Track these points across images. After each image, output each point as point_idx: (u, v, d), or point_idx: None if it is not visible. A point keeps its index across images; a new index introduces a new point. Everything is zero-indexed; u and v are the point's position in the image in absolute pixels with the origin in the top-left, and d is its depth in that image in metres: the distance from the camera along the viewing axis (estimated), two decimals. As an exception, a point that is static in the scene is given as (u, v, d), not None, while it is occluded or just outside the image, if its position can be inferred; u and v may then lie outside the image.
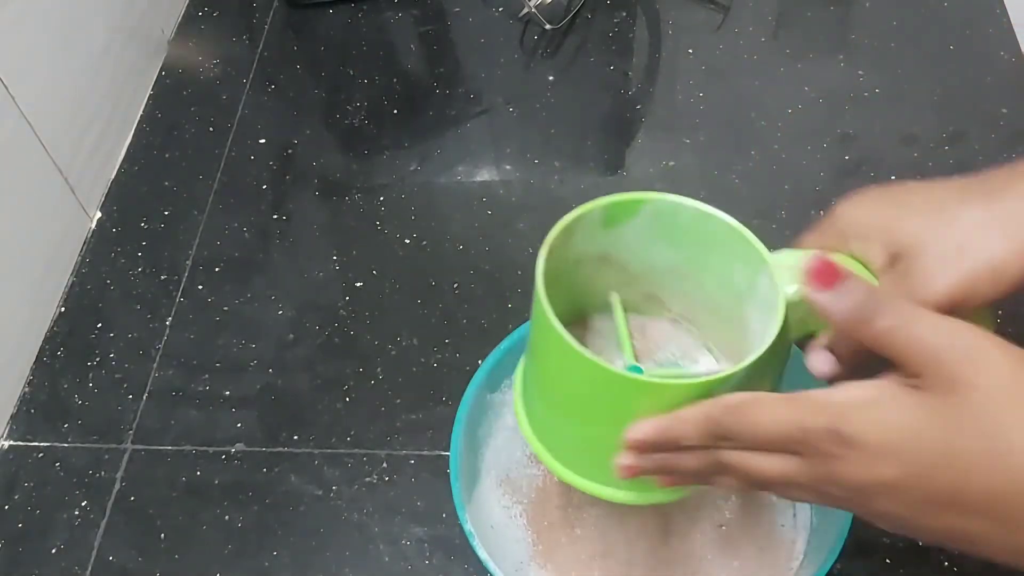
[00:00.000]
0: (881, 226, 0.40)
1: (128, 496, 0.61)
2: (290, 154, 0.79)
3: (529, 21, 0.86)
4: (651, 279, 0.48)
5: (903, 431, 0.33)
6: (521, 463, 0.56)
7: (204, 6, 0.92)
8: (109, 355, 0.68)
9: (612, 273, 0.47)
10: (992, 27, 0.80)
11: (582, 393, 0.42)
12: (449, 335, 0.66)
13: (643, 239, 0.45)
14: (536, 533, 0.54)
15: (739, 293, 0.44)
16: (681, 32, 0.85)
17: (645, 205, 0.44)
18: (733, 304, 0.45)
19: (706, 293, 0.47)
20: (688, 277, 0.47)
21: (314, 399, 0.64)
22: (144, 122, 0.82)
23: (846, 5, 0.85)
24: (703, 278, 0.46)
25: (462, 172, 0.77)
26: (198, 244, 0.73)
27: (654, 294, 0.49)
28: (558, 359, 0.42)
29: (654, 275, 0.47)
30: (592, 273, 0.47)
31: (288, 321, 0.68)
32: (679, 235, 0.45)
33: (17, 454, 0.63)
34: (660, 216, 0.44)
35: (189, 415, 0.64)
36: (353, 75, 0.84)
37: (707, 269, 0.45)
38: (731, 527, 0.54)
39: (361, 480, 0.60)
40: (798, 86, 0.79)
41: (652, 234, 0.45)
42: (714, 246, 0.44)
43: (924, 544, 0.54)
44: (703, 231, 0.44)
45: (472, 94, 0.82)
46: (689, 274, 0.46)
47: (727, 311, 0.46)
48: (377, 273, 0.70)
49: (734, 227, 0.43)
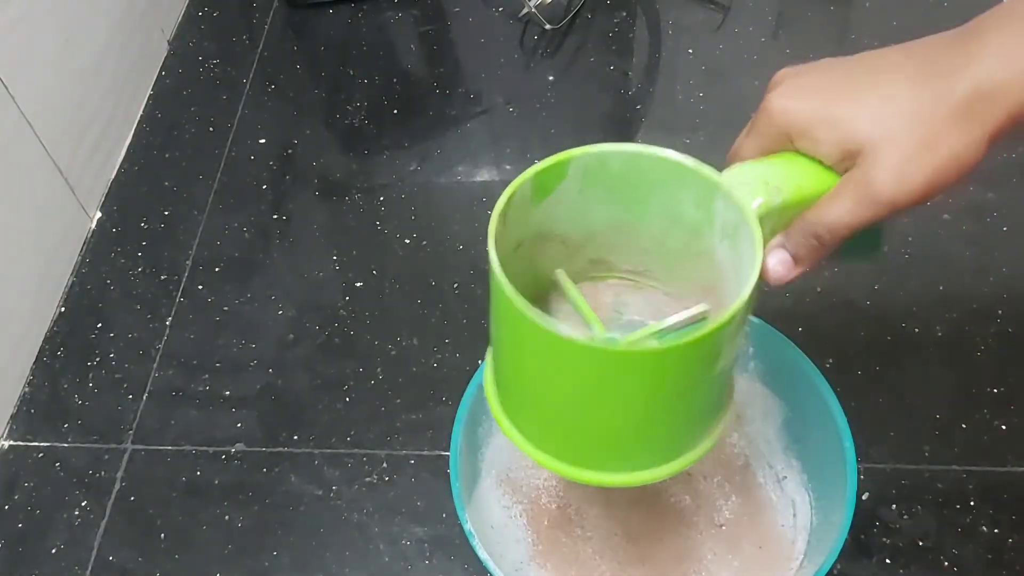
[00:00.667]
0: (829, 121, 0.38)
1: (128, 496, 0.61)
2: (290, 154, 0.79)
3: (529, 21, 0.86)
4: (593, 243, 0.45)
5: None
6: (521, 463, 0.56)
7: (204, 6, 0.92)
8: (109, 355, 0.68)
9: (553, 248, 0.45)
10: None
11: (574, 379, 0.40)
12: (449, 335, 0.66)
13: (576, 203, 0.43)
14: (536, 533, 0.54)
15: (694, 226, 0.42)
16: (681, 32, 0.84)
17: (571, 163, 0.41)
18: (688, 240, 0.43)
19: (654, 237, 0.44)
20: (631, 226, 0.44)
21: (314, 399, 0.64)
22: (144, 122, 0.82)
23: (846, 5, 0.85)
24: (648, 222, 0.43)
25: (462, 172, 0.77)
26: (198, 244, 0.73)
27: (600, 258, 0.46)
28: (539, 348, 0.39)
29: (595, 238, 0.45)
30: (533, 255, 0.44)
31: (288, 321, 0.68)
32: (612, 187, 0.42)
33: (17, 454, 0.63)
34: (588, 172, 0.41)
35: (189, 415, 0.64)
36: (353, 75, 0.84)
37: (650, 213, 0.43)
38: (731, 527, 0.54)
39: (361, 480, 0.60)
40: (798, 86, 0.79)
41: (584, 195, 0.42)
42: (653, 186, 0.41)
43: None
44: (638, 174, 0.41)
45: (472, 94, 0.82)
46: (631, 223, 0.44)
47: (682, 249, 0.43)
48: (377, 273, 0.70)
49: (672, 159, 0.40)
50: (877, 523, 0.56)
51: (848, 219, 0.38)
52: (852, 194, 0.38)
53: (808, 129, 0.38)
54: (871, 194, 0.37)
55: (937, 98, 0.37)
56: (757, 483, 0.55)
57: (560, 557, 0.53)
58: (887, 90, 0.38)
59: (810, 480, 0.53)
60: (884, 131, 0.37)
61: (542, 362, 0.40)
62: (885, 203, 0.37)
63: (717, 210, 0.40)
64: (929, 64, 0.38)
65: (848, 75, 0.39)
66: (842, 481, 0.49)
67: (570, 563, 0.53)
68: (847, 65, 0.39)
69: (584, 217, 0.43)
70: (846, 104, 0.38)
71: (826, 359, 0.61)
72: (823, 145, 0.38)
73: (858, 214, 0.38)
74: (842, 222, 0.38)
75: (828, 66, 0.40)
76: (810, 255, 0.40)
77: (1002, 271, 0.66)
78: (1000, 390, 0.61)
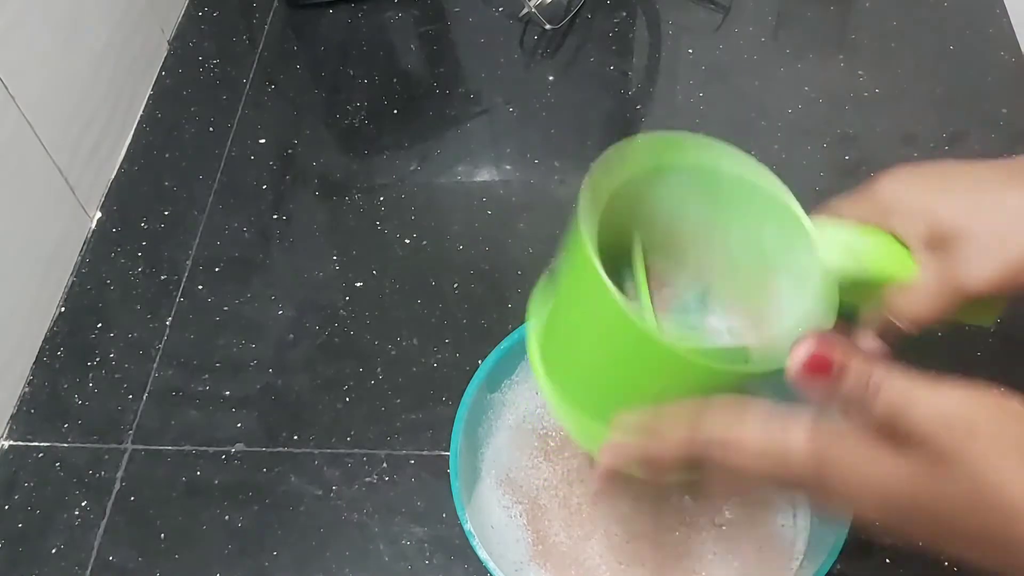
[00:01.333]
0: (924, 206, 0.40)
1: (128, 496, 0.61)
2: (290, 154, 0.79)
3: (529, 21, 0.86)
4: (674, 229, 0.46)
5: (885, 488, 0.33)
6: (521, 463, 0.56)
7: (204, 6, 0.92)
8: (109, 355, 0.68)
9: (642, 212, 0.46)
10: (992, 27, 0.80)
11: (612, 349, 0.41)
12: (449, 335, 0.66)
13: (676, 194, 0.44)
14: (536, 533, 0.54)
15: (768, 256, 0.43)
16: (681, 32, 0.85)
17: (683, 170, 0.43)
18: (757, 265, 0.44)
19: (728, 250, 0.45)
20: (712, 231, 0.45)
21: (314, 399, 0.64)
22: (144, 122, 0.82)
23: (846, 5, 0.85)
24: (728, 234, 0.45)
25: (462, 172, 0.77)
26: (198, 244, 0.73)
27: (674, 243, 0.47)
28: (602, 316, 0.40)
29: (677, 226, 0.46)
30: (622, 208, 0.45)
31: (288, 321, 0.68)
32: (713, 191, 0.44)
33: (17, 454, 0.63)
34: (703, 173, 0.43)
35: (189, 415, 0.64)
36: (353, 75, 0.84)
37: (734, 226, 0.44)
38: (731, 527, 0.54)
39: (361, 480, 0.60)
40: (798, 86, 0.79)
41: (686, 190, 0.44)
42: (748, 205, 0.43)
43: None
44: (742, 191, 0.43)
45: (472, 94, 0.82)
46: (714, 228, 0.45)
47: (748, 271, 0.45)
48: (377, 273, 0.70)
49: (775, 193, 0.42)
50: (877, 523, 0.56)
51: (927, 313, 0.39)
52: (933, 282, 0.39)
53: (905, 207, 0.40)
54: (947, 281, 0.38)
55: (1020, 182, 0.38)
56: (757, 483, 0.55)
57: (560, 557, 0.53)
58: (983, 184, 0.39)
59: (810, 480, 0.53)
60: (969, 220, 0.38)
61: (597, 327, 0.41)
62: (957, 289, 0.38)
63: (799, 256, 0.41)
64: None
65: (954, 170, 0.41)
66: (842, 481, 0.49)
67: (570, 563, 0.53)
68: (957, 164, 0.41)
69: (676, 206, 0.45)
70: (944, 192, 0.40)
71: (826, 359, 0.61)
72: (913, 225, 0.40)
73: (937, 303, 0.39)
74: (923, 312, 0.40)
75: (941, 164, 0.41)
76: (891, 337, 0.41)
77: (1002, 271, 0.66)
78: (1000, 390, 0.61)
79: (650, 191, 0.44)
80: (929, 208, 0.39)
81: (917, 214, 0.40)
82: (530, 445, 0.57)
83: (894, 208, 0.41)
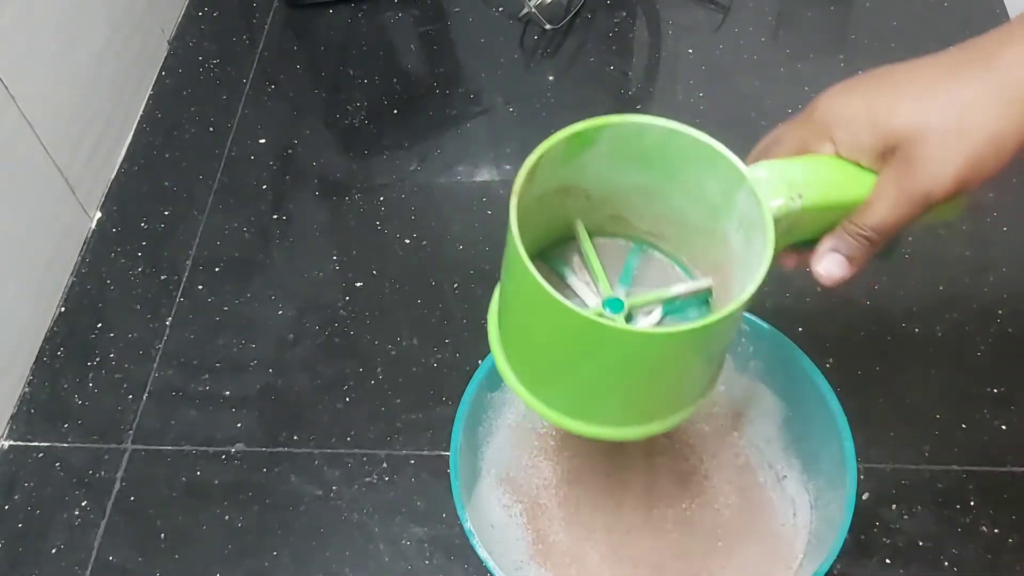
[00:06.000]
0: (868, 115, 0.38)
1: (128, 496, 0.61)
2: (290, 154, 0.79)
3: (529, 21, 0.86)
4: (615, 201, 0.46)
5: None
6: (521, 462, 0.56)
7: (204, 6, 0.92)
8: (109, 355, 0.68)
9: (576, 200, 0.46)
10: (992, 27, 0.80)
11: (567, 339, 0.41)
12: (449, 335, 0.66)
13: (604, 164, 0.43)
14: (536, 532, 0.54)
15: (714, 207, 0.43)
16: (681, 32, 0.84)
17: (606, 130, 0.42)
18: (707, 217, 0.43)
19: (675, 208, 0.44)
20: (655, 194, 0.45)
21: (314, 399, 0.64)
22: (144, 122, 0.82)
23: (846, 5, 0.85)
24: (671, 193, 0.44)
25: (462, 172, 0.77)
26: (198, 244, 0.73)
27: (619, 215, 0.47)
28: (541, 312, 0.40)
29: (618, 196, 0.46)
30: (556, 203, 0.45)
31: (288, 321, 0.68)
32: (644, 155, 0.43)
33: (17, 454, 0.63)
34: (622, 140, 0.42)
35: (189, 415, 0.64)
36: (353, 75, 0.84)
37: (676, 185, 0.43)
38: (731, 527, 0.54)
39: (361, 480, 0.60)
40: (798, 86, 0.79)
41: (614, 159, 0.43)
42: (683, 162, 0.42)
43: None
44: (671, 149, 0.42)
45: (472, 94, 0.82)
46: (656, 191, 0.44)
47: (699, 224, 0.44)
48: (377, 273, 0.70)
49: (707, 143, 0.41)
50: (877, 523, 0.56)
51: (892, 218, 0.38)
52: (892, 192, 0.38)
53: (848, 122, 0.39)
54: (909, 190, 0.37)
55: (971, 82, 0.36)
56: (757, 483, 0.55)
57: (560, 556, 0.53)
58: (924, 82, 0.37)
59: (810, 480, 0.53)
60: (919, 122, 0.36)
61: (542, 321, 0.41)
62: (922, 196, 0.37)
63: (738, 201, 0.41)
64: (968, 53, 0.38)
65: (891, 74, 0.39)
66: (842, 481, 0.49)
67: (570, 563, 0.53)
68: (894, 67, 0.39)
69: (611, 177, 0.44)
70: (886, 99, 0.38)
71: (826, 359, 0.61)
72: (861, 137, 0.38)
73: (901, 212, 0.38)
74: (887, 222, 0.38)
75: (878, 71, 0.40)
76: (862, 255, 0.40)
77: (1002, 271, 0.66)
78: (1000, 390, 0.61)
79: (582, 171, 0.44)
80: (874, 117, 0.38)
81: (862, 126, 0.38)
82: (530, 444, 0.57)
83: (836, 124, 0.39)
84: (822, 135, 0.40)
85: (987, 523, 0.56)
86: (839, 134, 0.39)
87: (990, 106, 0.36)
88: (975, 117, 0.36)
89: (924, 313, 0.64)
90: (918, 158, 0.36)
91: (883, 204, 0.38)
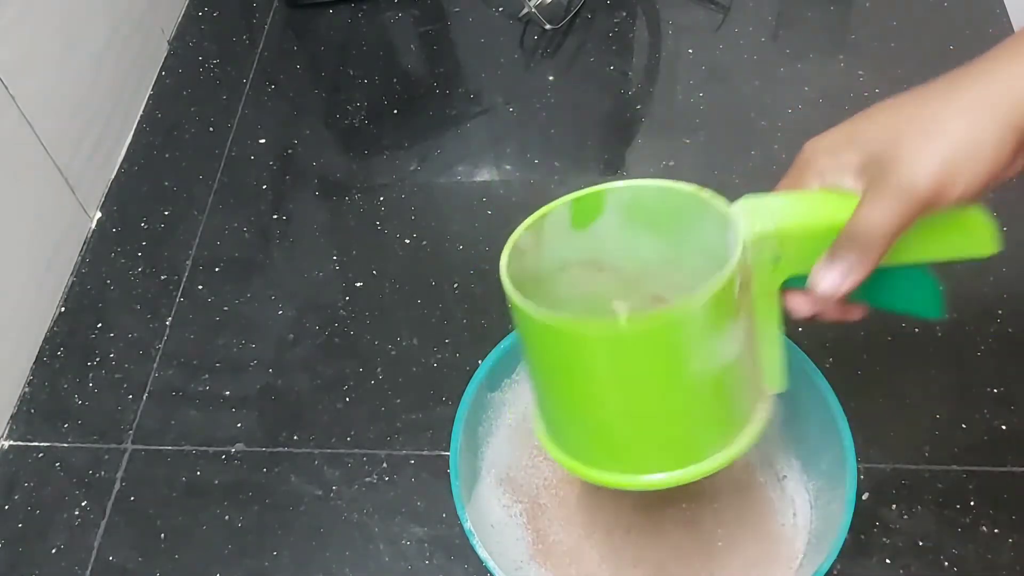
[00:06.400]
0: (848, 136, 0.39)
1: (128, 496, 0.61)
2: (290, 154, 0.79)
3: (529, 21, 0.86)
4: (650, 278, 0.45)
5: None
6: (521, 462, 0.56)
7: (204, 6, 0.92)
8: (109, 355, 0.68)
9: (608, 280, 0.45)
10: (992, 27, 0.80)
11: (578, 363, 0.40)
12: (449, 335, 0.66)
13: (622, 237, 0.43)
14: (536, 532, 0.54)
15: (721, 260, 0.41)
16: (681, 32, 0.84)
17: (607, 195, 0.42)
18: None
19: (695, 275, 0.43)
20: (677, 264, 0.44)
21: (314, 399, 0.64)
22: (144, 122, 0.82)
23: (846, 5, 0.85)
24: (688, 260, 0.43)
25: (462, 172, 0.77)
26: (198, 244, 0.73)
27: (659, 294, 0.46)
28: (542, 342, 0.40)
29: (650, 273, 0.45)
30: (585, 282, 0.45)
31: (288, 321, 0.68)
32: (653, 221, 0.43)
33: (17, 454, 0.63)
34: (627, 206, 0.42)
35: (189, 415, 0.64)
36: (353, 75, 0.84)
37: (689, 249, 0.43)
38: (731, 527, 0.54)
39: (361, 480, 0.60)
40: (798, 86, 0.79)
41: (628, 229, 0.43)
42: (687, 221, 0.42)
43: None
44: (672, 209, 0.42)
45: (472, 94, 0.82)
46: (676, 260, 0.44)
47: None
48: (377, 273, 0.70)
49: (686, 191, 0.41)
50: (877, 523, 0.56)
51: (878, 218, 0.38)
52: (874, 194, 0.38)
53: (829, 146, 0.40)
54: (893, 186, 0.37)
55: (945, 101, 0.37)
56: (757, 483, 0.55)
57: (560, 556, 0.53)
58: (899, 103, 0.39)
59: (810, 480, 0.53)
60: (895, 129, 0.38)
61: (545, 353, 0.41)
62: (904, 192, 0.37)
63: (729, 242, 0.40)
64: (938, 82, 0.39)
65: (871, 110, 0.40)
66: (842, 481, 0.49)
67: (570, 563, 0.53)
68: (878, 104, 0.40)
69: (634, 251, 0.44)
70: (865, 121, 0.40)
71: (826, 359, 0.61)
72: (843, 157, 0.39)
73: (885, 212, 0.38)
74: (872, 223, 0.38)
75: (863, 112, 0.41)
76: (857, 262, 0.40)
77: (1002, 271, 0.66)
78: (1000, 390, 0.61)
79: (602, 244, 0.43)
80: (854, 135, 0.39)
81: (842, 147, 0.39)
82: (530, 444, 0.57)
83: (820, 153, 0.40)
84: (809, 172, 0.41)
85: (987, 523, 0.56)
86: (822, 161, 0.40)
87: (959, 115, 0.37)
88: (945, 125, 0.37)
89: (924, 313, 0.64)
90: (893, 158, 0.37)
91: (866, 206, 0.38)
